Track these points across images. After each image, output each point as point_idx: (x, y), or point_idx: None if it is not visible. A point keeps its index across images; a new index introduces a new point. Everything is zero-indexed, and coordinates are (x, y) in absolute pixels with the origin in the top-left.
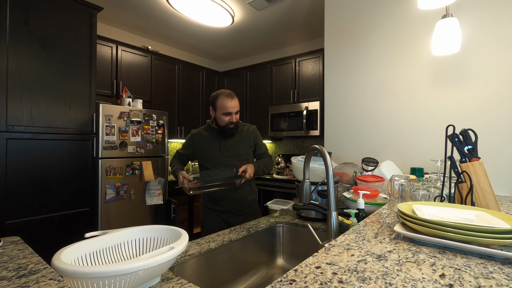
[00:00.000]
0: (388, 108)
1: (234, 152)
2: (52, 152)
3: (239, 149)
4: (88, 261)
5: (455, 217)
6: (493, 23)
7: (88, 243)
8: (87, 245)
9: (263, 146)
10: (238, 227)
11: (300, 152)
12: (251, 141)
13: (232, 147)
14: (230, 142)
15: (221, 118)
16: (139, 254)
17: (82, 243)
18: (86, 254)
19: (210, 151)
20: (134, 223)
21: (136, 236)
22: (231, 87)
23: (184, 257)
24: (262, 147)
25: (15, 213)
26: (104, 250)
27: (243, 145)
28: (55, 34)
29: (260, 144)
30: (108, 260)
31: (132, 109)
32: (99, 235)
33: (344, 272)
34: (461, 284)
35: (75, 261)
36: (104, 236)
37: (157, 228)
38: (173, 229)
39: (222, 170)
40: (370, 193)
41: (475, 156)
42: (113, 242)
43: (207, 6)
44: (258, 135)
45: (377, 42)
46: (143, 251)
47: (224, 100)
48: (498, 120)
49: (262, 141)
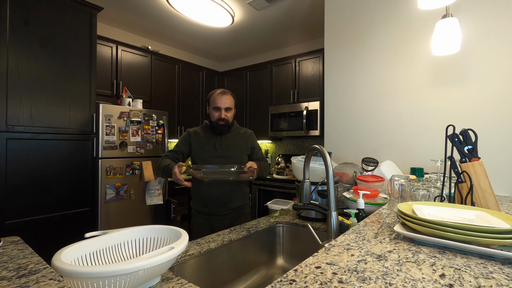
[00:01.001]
0: (388, 108)
1: (229, 152)
2: (52, 152)
3: (234, 150)
4: (88, 261)
5: (455, 217)
6: (493, 23)
7: (88, 243)
8: (87, 245)
9: (260, 151)
10: (238, 227)
11: (300, 152)
12: (247, 144)
13: (227, 147)
14: (225, 142)
15: (212, 113)
16: (139, 254)
17: (82, 243)
18: (86, 254)
19: (205, 149)
20: (134, 223)
21: (136, 236)
22: (231, 87)
23: (184, 257)
24: (259, 152)
25: (15, 213)
26: (104, 250)
27: (238, 147)
28: (55, 34)
29: (258, 149)
30: (108, 260)
31: (132, 109)
32: (99, 235)
33: (344, 272)
34: (461, 284)
35: (75, 261)
36: (104, 236)
37: (157, 228)
38: (173, 229)
39: (222, 166)
40: (370, 193)
41: (475, 156)
42: (113, 242)
43: (207, 6)
44: (255, 140)
45: (377, 42)
46: (143, 251)
47: (216, 95)
48: (498, 120)
49: (259, 146)
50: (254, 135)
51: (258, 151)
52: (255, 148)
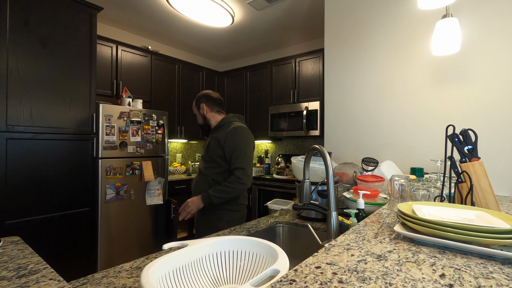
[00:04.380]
0: (388, 108)
1: (205, 155)
2: (52, 152)
3: (207, 153)
4: (173, 280)
5: (455, 217)
6: (493, 23)
7: (170, 258)
8: (170, 261)
9: (238, 158)
10: (238, 227)
11: (300, 152)
12: (219, 146)
13: (206, 149)
14: (207, 144)
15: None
16: (223, 270)
17: (166, 258)
18: (170, 271)
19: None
20: (134, 223)
21: (217, 249)
22: (231, 87)
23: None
24: (237, 160)
25: (15, 213)
26: (187, 266)
27: (211, 150)
28: (55, 34)
29: (235, 155)
30: (194, 278)
31: (132, 109)
32: (179, 247)
33: (344, 272)
34: (461, 284)
35: (161, 279)
36: (186, 250)
37: (239, 240)
38: (255, 241)
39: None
40: (370, 193)
41: (475, 156)
42: (195, 257)
43: (207, 6)
44: (232, 140)
45: (377, 42)
46: (227, 266)
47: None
48: (498, 120)
49: (241, 150)
50: (234, 134)
51: (235, 158)
52: (231, 153)
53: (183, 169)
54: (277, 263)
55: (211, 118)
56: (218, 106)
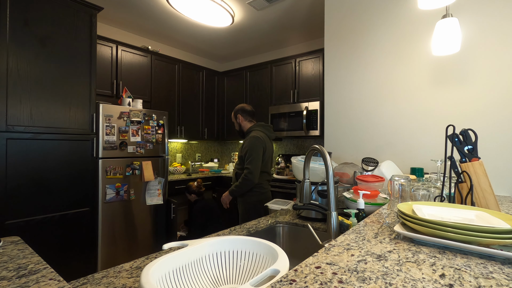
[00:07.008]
0: (388, 108)
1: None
2: (52, 152)
3: (239, 153)
4: (173, 280)
5: (455, 217)
6: (494, 23)
7: (170, 258)
8: (170, 261)
9: (246, 158)
10: (238, 227)
11: (300, 152)
12: (241, 149)
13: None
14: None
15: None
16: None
17: (165, 258)
18: (170, 271)
19: None
20: (134, 223)
21: (217, 249)
22: (231, 87)
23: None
24: (245, 159)
25: (15, 213)
26: (187, 266)
27: (239, 151)
28: (55, 34)
29: (245, 155)
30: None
31: (132, 109)
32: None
33: (344, 272)
34: (461, 284)
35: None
36: (186, 250)
37: (239, 240)
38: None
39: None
40: (370, 193)
41: (475, 156)
42: (195, 256)
43: (207, 6)
44: (245, 147)
45: (377, 42)
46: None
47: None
48: (498, 120)
49: (249, 154)
50: (247, 143)
51: (246, 160)
52: (245, 155)
53: (183, 169)
54: (277, 263)
55: (244, 126)
56: (250, 116)
